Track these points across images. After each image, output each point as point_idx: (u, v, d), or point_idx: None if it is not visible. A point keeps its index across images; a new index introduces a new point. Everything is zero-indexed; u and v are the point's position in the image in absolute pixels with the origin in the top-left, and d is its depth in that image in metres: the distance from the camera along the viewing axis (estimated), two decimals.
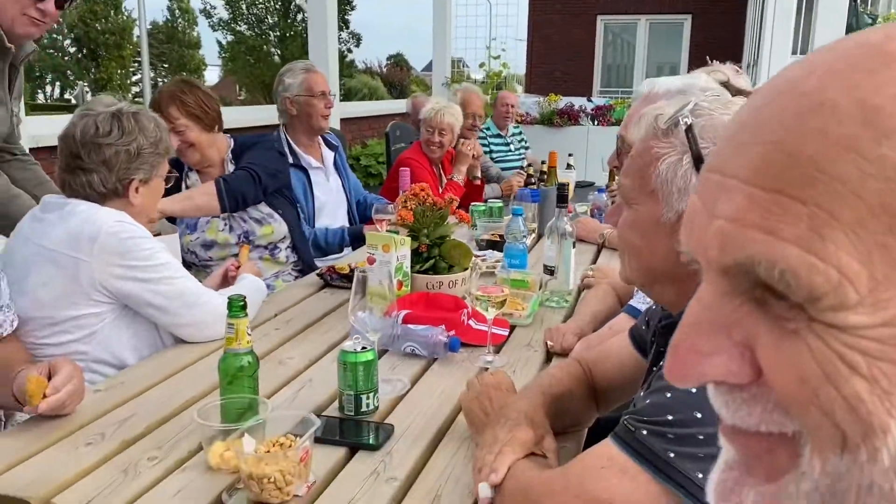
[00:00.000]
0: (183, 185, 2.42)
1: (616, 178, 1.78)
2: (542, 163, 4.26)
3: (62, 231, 1.61)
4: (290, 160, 2.95)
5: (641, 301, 1.54)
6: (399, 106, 7.37)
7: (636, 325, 1.33)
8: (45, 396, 1.25)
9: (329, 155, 3.16)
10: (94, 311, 1.63)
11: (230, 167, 2.45)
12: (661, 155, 1.00)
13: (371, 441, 1.26)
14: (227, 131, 2.52)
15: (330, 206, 3.11)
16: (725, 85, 1.38)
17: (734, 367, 0.36)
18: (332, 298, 2.13)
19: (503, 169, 4.80)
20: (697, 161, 0.98)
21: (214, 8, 30.48)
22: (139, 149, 1.71)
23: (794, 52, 8.44)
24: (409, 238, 1.93)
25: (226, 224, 2.45)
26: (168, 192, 1.96)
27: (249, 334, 1.27)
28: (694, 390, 0.92)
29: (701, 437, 0.89)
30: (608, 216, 1.17)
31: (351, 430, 1.30)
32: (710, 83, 1.39)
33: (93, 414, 1.36)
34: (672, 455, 0.90)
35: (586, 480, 0.94)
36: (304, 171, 3.02)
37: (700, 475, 0.89)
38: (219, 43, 31.13)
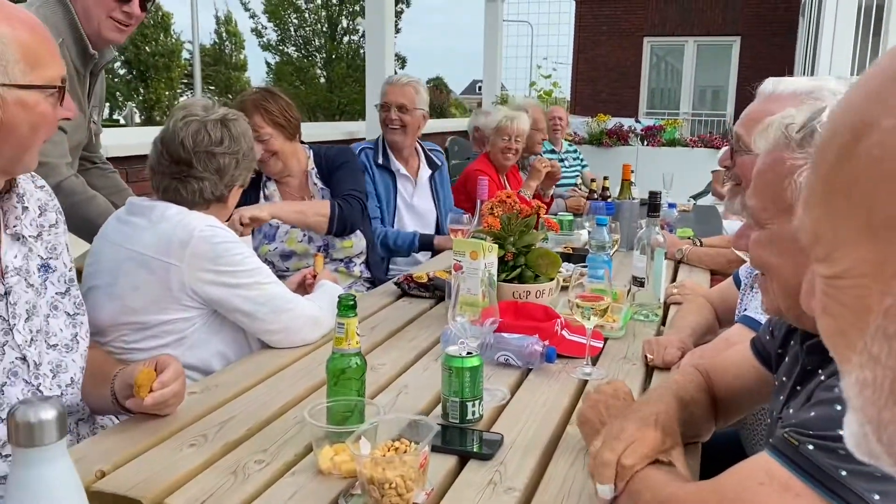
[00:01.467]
0: (261, 194, 2.41)
1: (723, 180, 1.71)
2: (605, 178, 4.21)
3: (153, 235, 1.59)
4: (381, 160, 3.01)
5: (760, 312, 1.46)
6: (444, 125, 7.41)
7: (759, 336, 1.25)
8: (151, 390, 1.23)
9: (426, 172, 3.17)
10: (185, 316, 1.61)
11: (316, 180, 2.44)
12: (797, 167, 0.92)
13: (482, 450, 1.20)
14: None
15: (414, 218, 3.09)
16: None
17: None
18: (411, 307, 2.09)
19: (556, 185, 4.75)
20: None
21: (265, 28, 30.95)
22: (243, 155, 1.71)
23: (853, 75, 8.25)
24: (497, 245, 1.88)
25: (305, 234, 2.43)
26: (245, 194, 1.94)
27: (359, 334, 1.23)
28: None
29: None
30: (736, 241, 1.09)
31: (459, 438, 1.25)
32: (840, 85, 1.31)
33: (191, 416, 1.33)
34: (844, 473, 0.82)
35: (743, 496, 0.87)
36: (392, 175, 3.05)
37: (877, 497, 0.80)
38: (267, 63, 31.66)
